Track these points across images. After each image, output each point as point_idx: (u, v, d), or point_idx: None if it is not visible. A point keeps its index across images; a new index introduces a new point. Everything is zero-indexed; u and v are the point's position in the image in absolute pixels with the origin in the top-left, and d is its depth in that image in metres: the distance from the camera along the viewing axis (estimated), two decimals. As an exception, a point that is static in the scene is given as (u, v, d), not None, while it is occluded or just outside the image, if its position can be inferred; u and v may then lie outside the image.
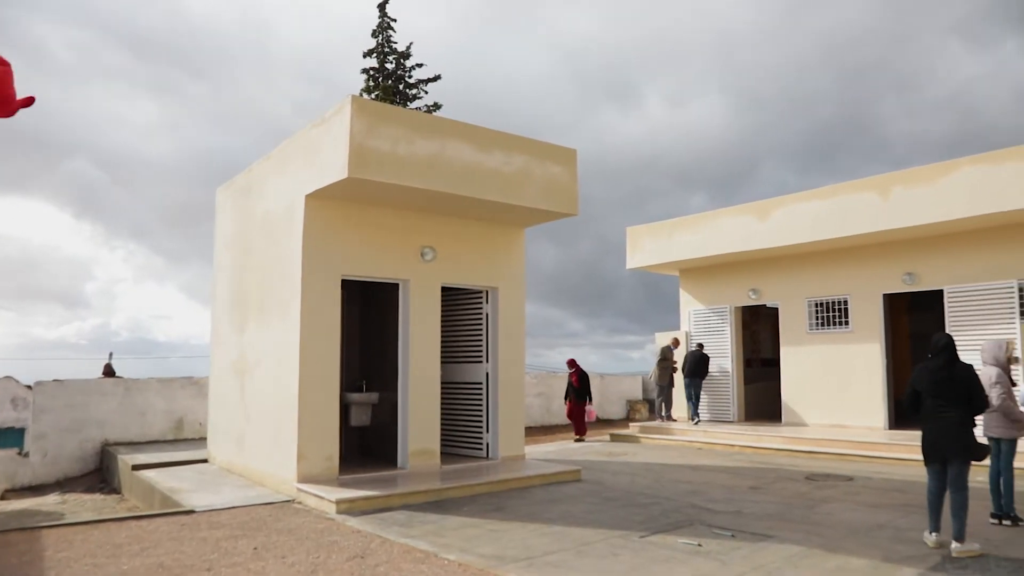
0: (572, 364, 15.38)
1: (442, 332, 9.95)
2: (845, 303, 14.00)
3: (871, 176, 12.56)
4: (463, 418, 10.75)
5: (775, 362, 15.65)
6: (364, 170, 7.92)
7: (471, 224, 10.15)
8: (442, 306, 9.94)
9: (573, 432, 15.40)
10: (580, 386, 15.17)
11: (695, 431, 14.26)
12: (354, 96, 7.98)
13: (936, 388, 6.05)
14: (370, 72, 26.43)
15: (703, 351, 15.51)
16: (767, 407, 15.96)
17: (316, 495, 7.78)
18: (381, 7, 25.88)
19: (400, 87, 26.46)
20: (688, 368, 15.32)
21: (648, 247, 16.26)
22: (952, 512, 5.89)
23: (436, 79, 26.66)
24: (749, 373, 16.47)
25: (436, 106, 26.38)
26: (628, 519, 7.15)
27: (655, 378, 16.05)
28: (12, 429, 12.25)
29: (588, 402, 15.28)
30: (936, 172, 11.63)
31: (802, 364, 14.58)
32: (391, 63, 26.40)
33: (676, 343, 16.13)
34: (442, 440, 10.02)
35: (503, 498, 8.28)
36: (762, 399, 16.24)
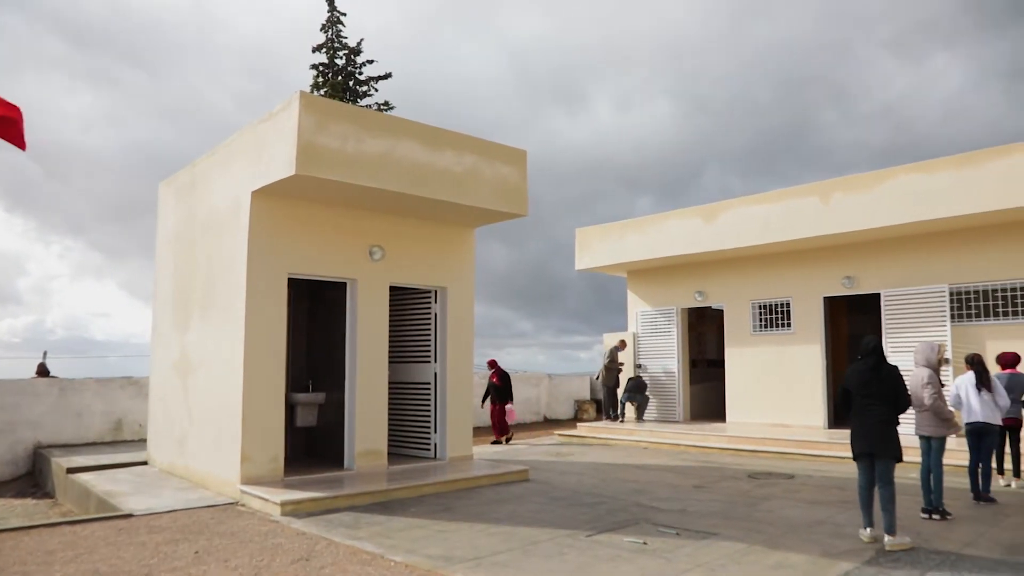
0: (492, 364, 14.79)
1: (390, 332, 9.88)
2: (787, 305, 14.35)
3: (813, 182, 12.91)
4: (411, 418, 10.68)
5: (720, 363, 15.95)
6: (312, 168, 7.81)
7: (421, 223, 10.10)
8: (390, 306, 9.87)
9: (493, 435, 14.76)
10: (502, 385, 14.84)
11: (642, 431, 14.43)
12: (303, 92, 7.87)
13: (864, 388, 6.29)
14: (319, 68, 26.08)
15: (642, 378, 16.10)
16: (712, 407, 16.27)
17: (260, 497, 7.64)
18: (331, 1, 25.57)
19: (350, 84, 26.16)
20: (628, 387, 15.95)
21: (597, 248, 16.41)
22: (881, 506, 6.12)
23: (387, 77, 26.43)
24: (695, 374, 16.76)
25: (387, 105, 26.15)
26: (575, 518, 7.19)
27: (602, 379, 16.21)
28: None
29: (509, 402, 15.01)
30: (874, 180, 12.00)
31: (746, 365, 14.89)
32: (341, 59, 26.09)
33: (623, 345, 16.31)
34: (390, 441, 9.94)
35: (451, 498, 8.25)
36: (707, 399, 16.55)
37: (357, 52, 26.06)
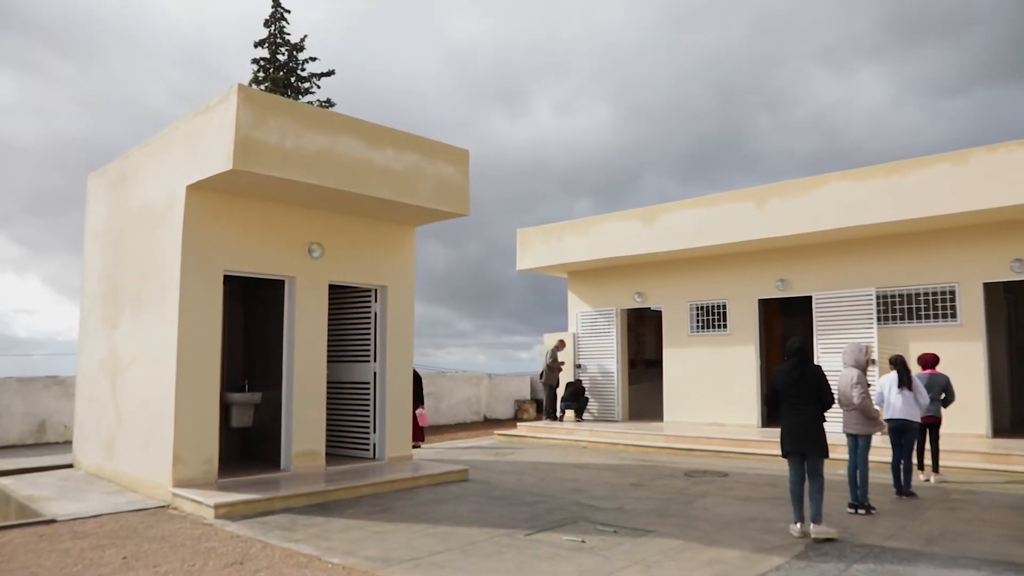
0: None
1: (329, 331, 9.76)
2: (724, 307, 14.68)
3: (749, 188, 13.25)
4: (350, 418, 10.56)
5: (658, 363, 16.22)
6: (249, 162, 7.65)
7: (361, 221, 9.99)
8: (329, 304, 9.74)
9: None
10: (414, 389, 14.55)
11: (581, 430, 14.57)
12: (241, 85, 7.70)
13: (791, 387, 6.50)
14: (260, 63, 25.59)
15: (581, 383, 16.26)
16: (650, 406, 16.52)
17: (193, 500, 7.44)
18: (274, -4, 25.12)
19: (292, 80, 25.76)
20: (566, 395, 16.12)
21: (538, 249, 16.50)
22: (810, 496, 6.36)
23: (330, 74, 26.11)
24: (633, 374, 17.01)
25: (329, 102, 25.83)
26: (514, 518, 7.22)
27: (545, 378, 16.33)
28: None
29: (420, 407, 14.67)
30: (807, 186, 12.39)
31: (683, 365, 15.17)
32: (283, 55, 25.65)
33: (562, 345, 16.45)
34: (328, 441, 9.81)
35: (389, 499, 8.19)
36: (645, 399, 16.80)
37: (300, 48, 25.68)
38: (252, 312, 10.40)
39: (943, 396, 9.12)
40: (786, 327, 17.53)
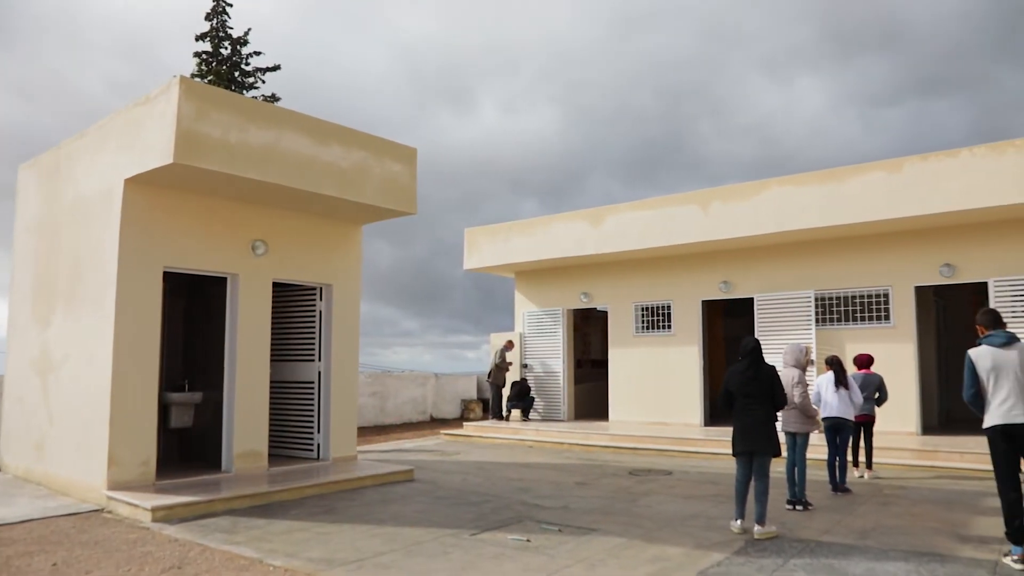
0: None
1: (273, 329, 9.59)
2: (668, 308, 14.91)
3: (693, 191, 13.49)
4: (294, 418, 10.40)
5: (604, 363, 16.39)
6: (191, 157, 7.46)
7: (306, 219, 9.85)
8: (273, 302, 9.57)
9: None
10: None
11: (527, 430, 14.63)
12: (183, 76, 7.50)
13: (744, 387, 6.60)
14: (203, 56, 25.01)
15: (527, 382, 16.36)
16: (596, 406, 16.69)
17: (129, 503, 7.23)
18: (216, -12, 24.57)
19: (235, 74, 25.24)
20: (512, 394, 16.20)
21: (485, 249, 16.51)
22: (756, 497, 6.47)
23: (275, 68, 25.67)
24: (579, 373, 17.15)
25: (274, 97, 25.40)
26: (459, 517, 7.21)
27: (492, 378, 16.35)
28: None
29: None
30: (750, 190, 12.68)
31: (628, 365, 15.36)
32: (226, 48, 25.11)
33: (510, 345, 16.49)
34: (271, 442, 9.65)
35: (334, 500, 8.09)
36: (591, 398, 16.96)
37: (243, 42, 25.19)
38: (193, 310, 10.15)
39: (877, 395, 9.44)
40: (729, 328, 17.91)
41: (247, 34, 25.12)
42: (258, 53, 25.37)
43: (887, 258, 12.38)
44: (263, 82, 25.64)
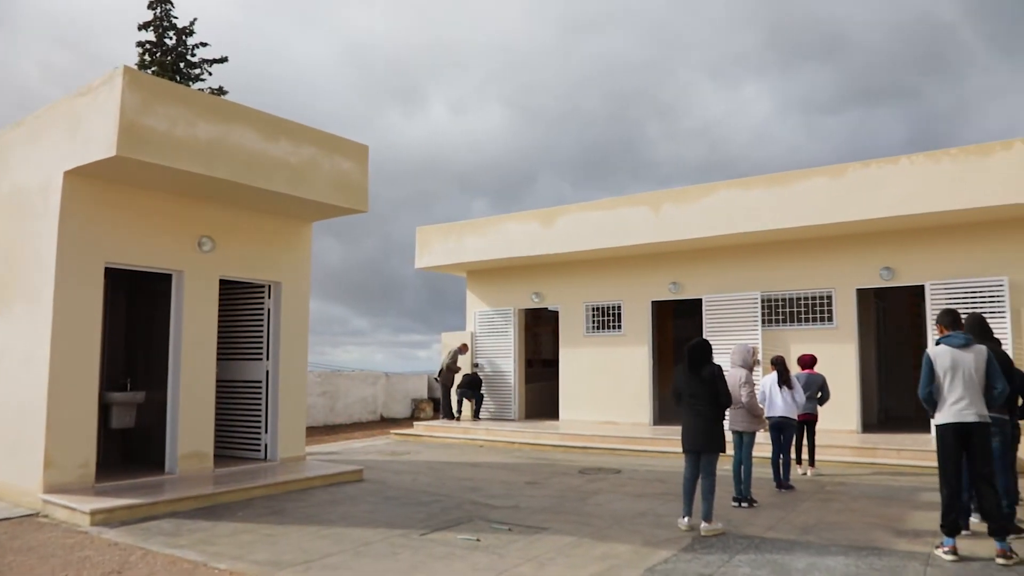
0: None
1: (220, 327, 9.39)
2: (619, 308, 15.05)
3: (643, 192, 13.65)
4: (240, 418, 10.20)
5: (554, 363, 16.47)
6: (135, 150, 7.26)
7: (255, 215, 9.67)
8: (220, 300, 9.37)
9: None
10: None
11: (478, 429, 14.62)
12: (127, 67, 7.30)
13: (691, 387, 6.71)
14: (146, 46, 24.34)
15: (478, 375, 16.37)
16: (546, 405, 16.76)
17: (66, 506, 7.00)
18: (159, -24, 23.96)
19: (180, 66, 24.62)
20: (462, 383, 16.18)
21: (437, 248, 16.45)
22: (702, 496, 6.57)
23: (223, 60, 25.13)
24: (530, 373, 17.20)
25: (221, 90, 24.85)
26: (409, 518, 7.17)
27: (442, 378, 16.29)
28: None
29: None
30: (700, 193, 12.88)
31: (578, 365, 15.46)
32: (171, 39, 24.49)
33: (464, 348, 16.45)
34: (217, 442, 9.45)
35: (281, 501, 7.97)
36: (542, 398, 17.03)
37: (189, 33, 24.57)
38: (137, 307, 9.89)
39: (820, 395, 9.68)
40: (677, 328, 18.15)
41: (193, 24, 24.52)
42: (204, 44, 24.80)
43: (830, 261, 12.72)
44: (209, 74, 25.08)
